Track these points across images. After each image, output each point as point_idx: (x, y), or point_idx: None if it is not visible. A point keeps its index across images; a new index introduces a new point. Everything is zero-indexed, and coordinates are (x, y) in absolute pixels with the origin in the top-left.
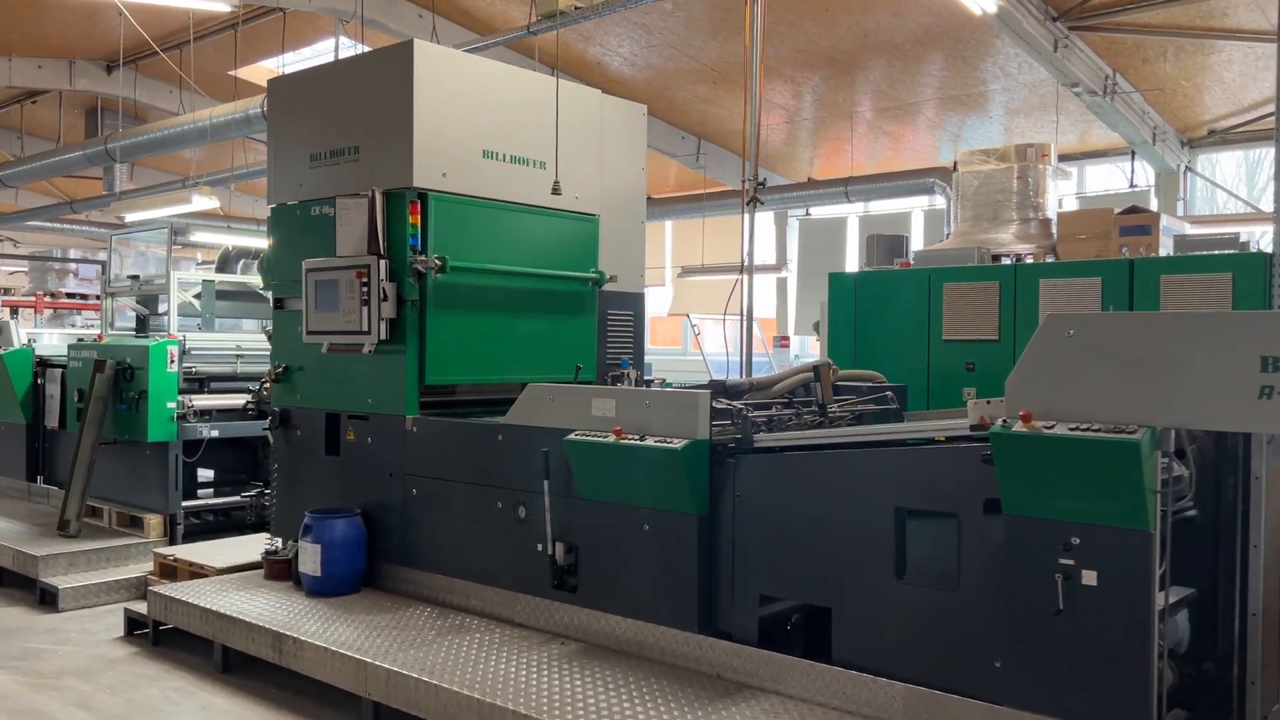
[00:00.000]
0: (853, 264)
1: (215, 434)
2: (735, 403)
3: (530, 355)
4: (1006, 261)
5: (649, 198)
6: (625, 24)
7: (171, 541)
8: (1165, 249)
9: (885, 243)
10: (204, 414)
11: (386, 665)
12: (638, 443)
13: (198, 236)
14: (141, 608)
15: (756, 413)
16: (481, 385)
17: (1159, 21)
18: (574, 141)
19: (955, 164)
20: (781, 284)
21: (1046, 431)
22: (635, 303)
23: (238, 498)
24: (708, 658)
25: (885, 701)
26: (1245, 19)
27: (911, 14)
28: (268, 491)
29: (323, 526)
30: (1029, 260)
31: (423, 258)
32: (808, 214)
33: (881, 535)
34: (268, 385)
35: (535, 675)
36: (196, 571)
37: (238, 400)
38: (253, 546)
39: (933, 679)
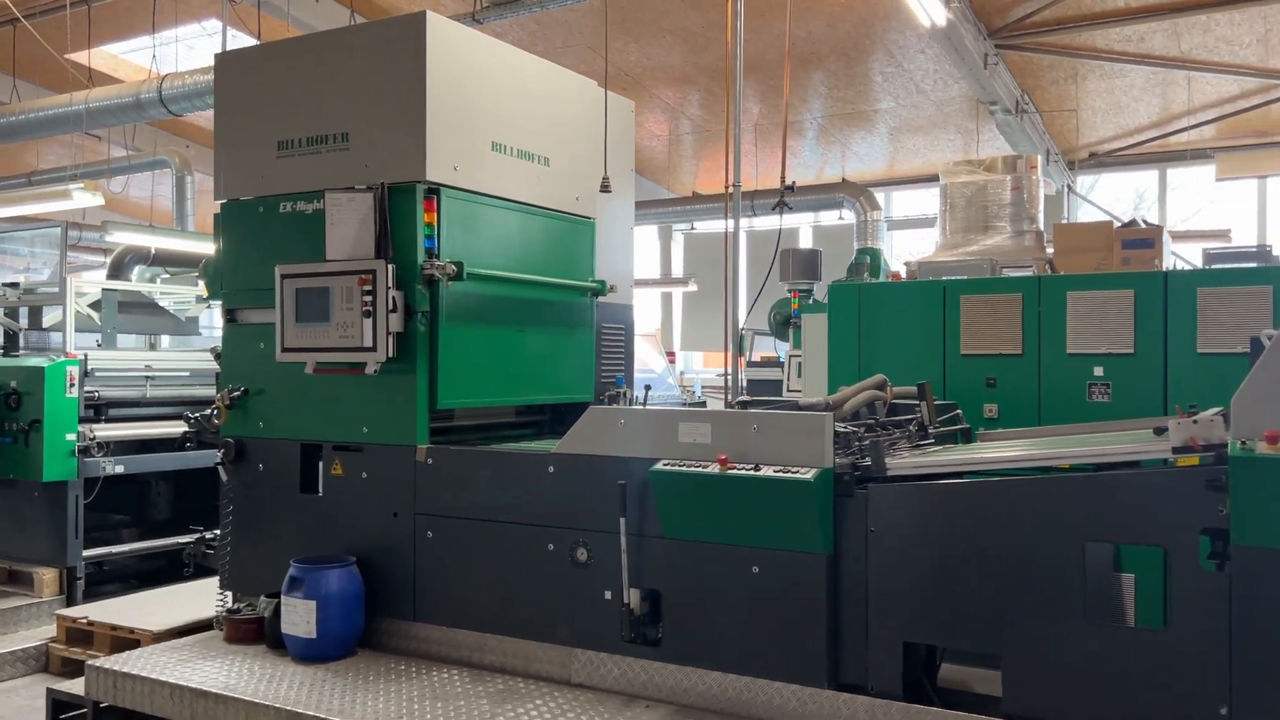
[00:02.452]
0: (740, 278)
1: (120, 470)
2: (852, 425)
3: (533, 373)
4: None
5: None
6: (549, 21)
7: (70, 600)
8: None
9: (800, 257)
10: (103, 446)
11: None
12: (754, 473)
13: (117, 236)
14: (68, 686)
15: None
16: (478, 409)
17: (1079, 43)
18: (576, 137)
19: (843, 179)
20: (666, 298)
21: None
22: (625, 315)
23: (152, 544)
24: (842, 715)
25: None
26: (1159, 45)
27: (844, 24)
28: (209, 536)
29: (316, 579)
30: (1029, 273)
31: (438, 263)
32: (693, 228)
33: (1067, 572)
34: (218, 412)
35: None
36: (124, 638)
37: (150, 430)
38: (177, 602)
39: None
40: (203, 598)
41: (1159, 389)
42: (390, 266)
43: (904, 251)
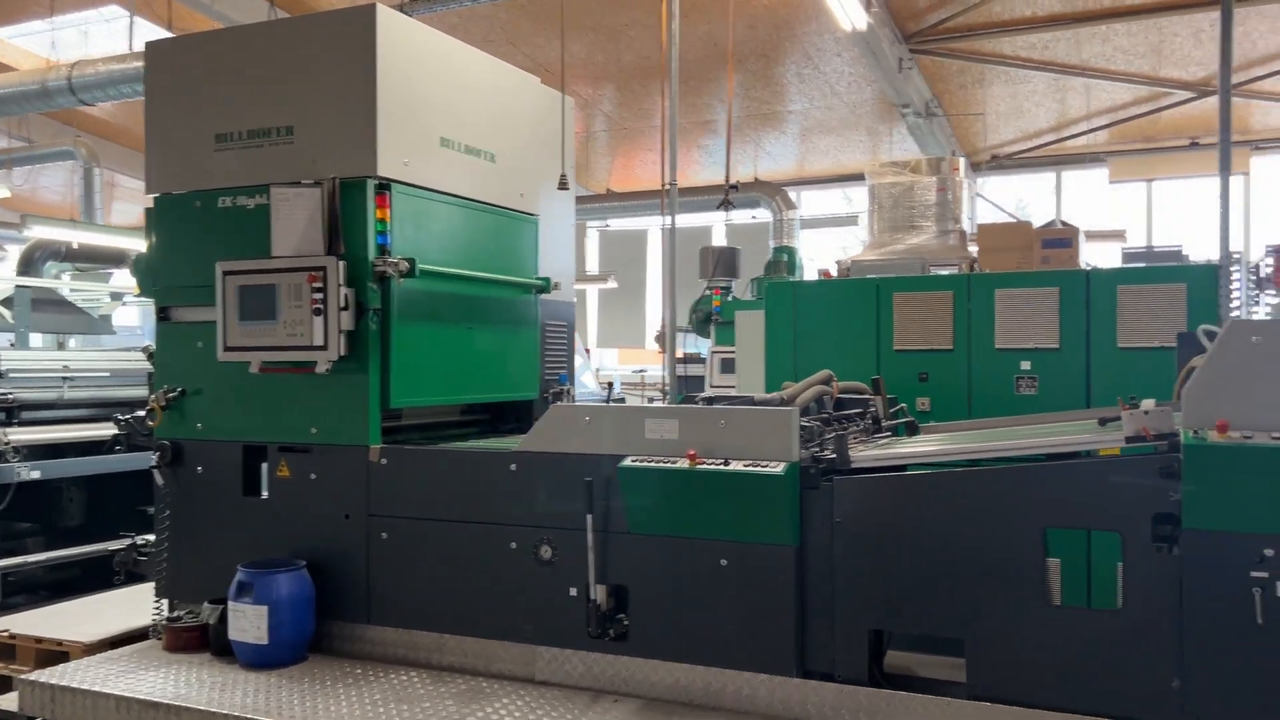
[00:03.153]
0: (655, 275)
1: (36, 475)
2: (813, 420)
3: (481, 371)
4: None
5: None
6: (470, 15)
7: None
8: (1087, 262)
9: (721, 255)
10: (18, 450)
11: None
12: (724, 468)
13: (36, 231)
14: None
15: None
16: (423, 408)
17: (987, 50)
18: (520, 132)
19: (755, 178)
20: (580, 295)
21: (1248, 442)
22: (567, 312)
23: (72, 551)
24: (811, 702)
25: None
26: (1061, 53)
27: (764, 26)
28: (140, 542)
29: (266, 583)
30: (955, 271)
31: (392, 260)
32: (607, 225)
33: (1028, 558)
34: (152, 413)
35: None
36: (52, 650)
37: (70, 433)
38: (103, 612)
39: (1094, 706)
40: (130, 606)
41: (1082, 382)
42: (341, 263)
43: (812, 249)
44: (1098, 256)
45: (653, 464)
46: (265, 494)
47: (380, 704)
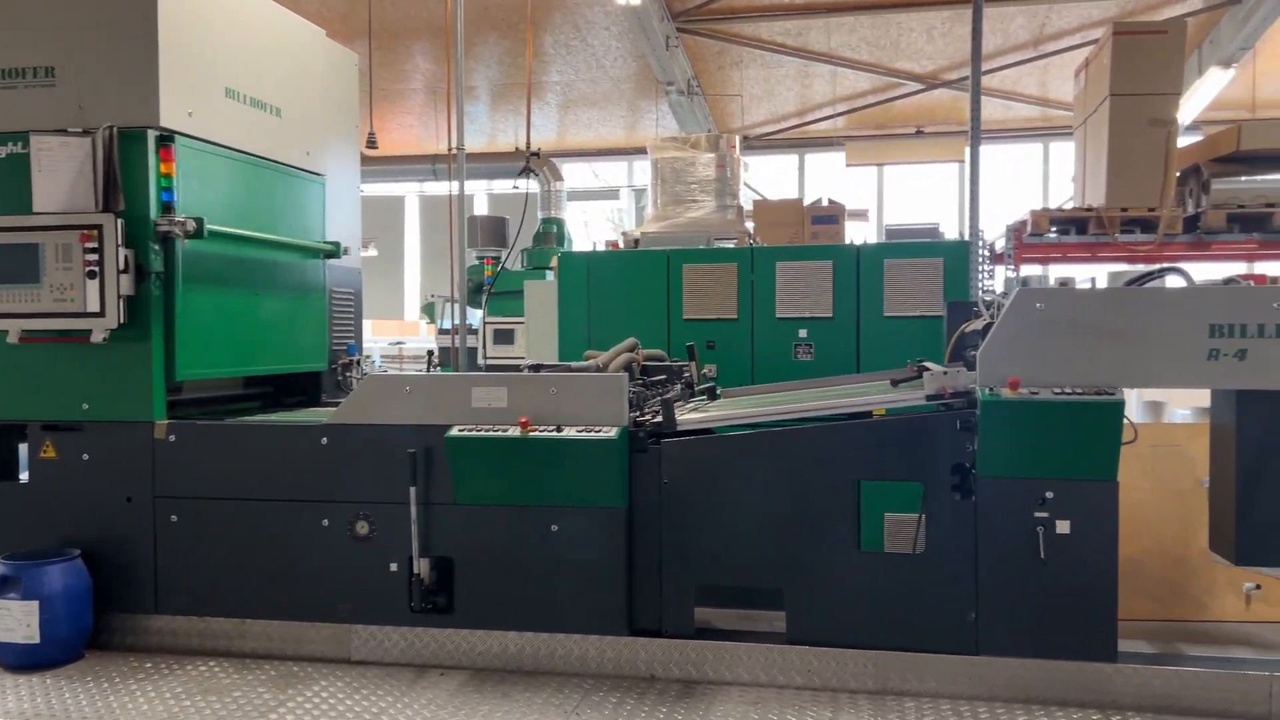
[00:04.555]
0: (413, 242)
1: None
2: (635, 385)
3: (269, 340)
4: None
5: None
6: None
7: None
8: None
9: (488, 224)
10: None
11: None
12: (558, 435)
13: None
14: None
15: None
16: (204, 381)
17: (747, 33)
18: (306, 87)
19: (516, 148)
20: None
21: (1035, 397)
22: (355, 279)
23: None
24: (641, 658)
25: (856, 671)
26: (813, 40)
27: None
28: None
29: (35, 576)
30: (733, 244)
31: (177, 219)
32: (361, 191)
33: (841, 509)
34: None
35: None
36: None
37: None
38: None
39: (901, 642)
40: None
41: (853, 348)
42: (120, 221)
43: (574, 221)
44: (847, 234)
45: (483, 433)
46: (25, 478)
47: (185, 697)
